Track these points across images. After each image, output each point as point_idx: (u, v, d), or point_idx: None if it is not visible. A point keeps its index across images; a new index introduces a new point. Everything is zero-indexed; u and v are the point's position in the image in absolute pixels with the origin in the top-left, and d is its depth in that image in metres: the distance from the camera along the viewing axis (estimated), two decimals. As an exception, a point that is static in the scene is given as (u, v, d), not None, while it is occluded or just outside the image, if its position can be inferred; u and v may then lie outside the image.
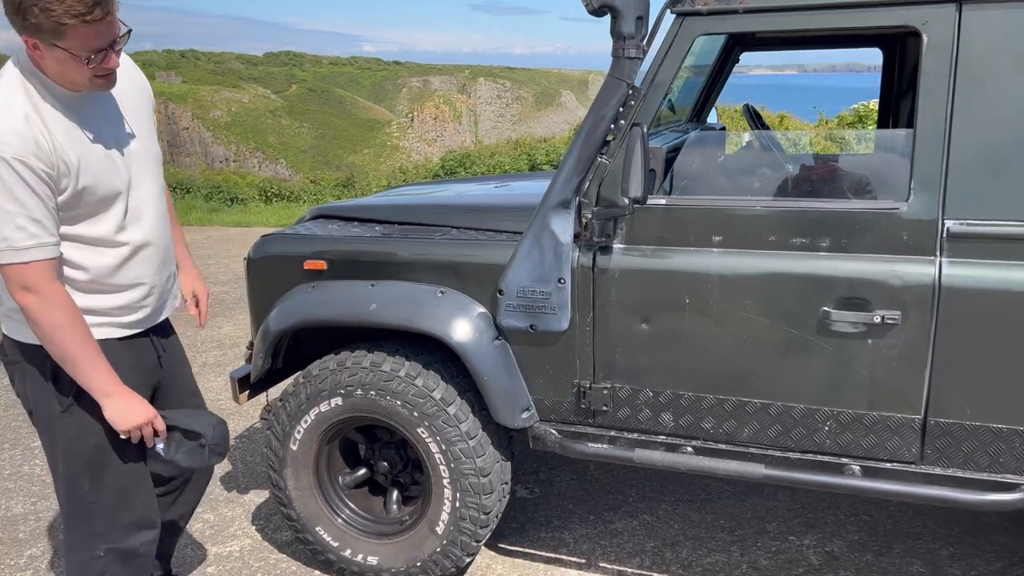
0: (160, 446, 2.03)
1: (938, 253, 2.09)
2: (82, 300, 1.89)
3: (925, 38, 2.05)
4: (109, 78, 1.82)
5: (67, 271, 1.88)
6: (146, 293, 2.02)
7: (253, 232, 8.89)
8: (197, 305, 2.44)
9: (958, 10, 2.02)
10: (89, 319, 1.89)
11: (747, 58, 3.75)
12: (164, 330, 2.20)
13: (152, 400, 2.11)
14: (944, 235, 2.08)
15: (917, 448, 2.19)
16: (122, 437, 1.95)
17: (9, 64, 1.81)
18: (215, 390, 4.46)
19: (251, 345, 2.91)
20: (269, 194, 17.19)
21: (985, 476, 2.15)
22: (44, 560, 2.93)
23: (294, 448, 2.69)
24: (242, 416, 4.13)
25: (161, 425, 1.99)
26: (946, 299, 2.08)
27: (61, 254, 1.83)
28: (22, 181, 1.69)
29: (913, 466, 2.21)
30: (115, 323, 1.98)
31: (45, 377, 1.92)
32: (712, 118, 3.77)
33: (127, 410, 1.91)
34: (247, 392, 2.86)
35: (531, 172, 7.18)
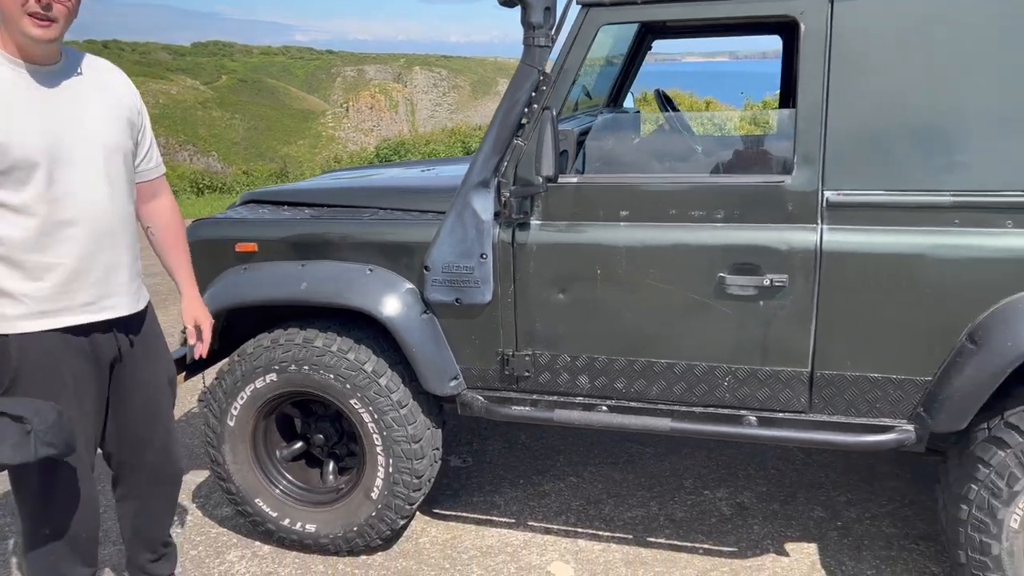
0: None
1: (819, 221, 2.32)
2: (3, 282, 1.90)
3: (803, 26, 2.27)
4: (46, 25, 1.83)
5: None
6: (69, 277, 1.96)
7: (185, 224, 8.80)
8: (199, 336, 2.38)
9: (830, 1, 2.24)
10: (18, 309, 1.91)
11: (669, 46, 3.96)
12: (129, 329, 2.14)
13: (109, 401, 2.12)
14: (824, 205, 2.31)
15: (806, 398, 2.43)
16: None
17: None
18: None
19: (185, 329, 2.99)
20: (201, 186, 16.92)
21: (865, 420, 2.40)
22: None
23: (231, 424, 2.80)
24: (179, 401, 4.18)
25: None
26: (827, 263, 2.31)
27: None
28: None
29: (803, 414, 2.44)
30: (45, 312, 1.94)
31: None
32: (629, 103, 3.98)
33: None
34: (183, 374, 2.94)
35: (457, 157, 7.35)
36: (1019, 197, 2.17)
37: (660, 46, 4.03)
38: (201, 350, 2.41)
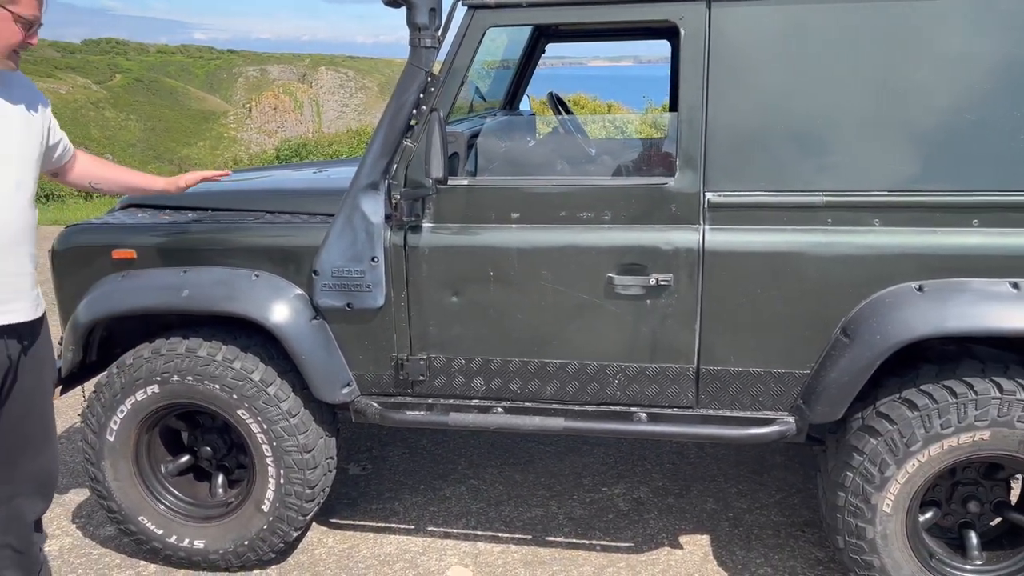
0: None
1: (701, 221, 2.38)
2: None
3: (682, 31, 2.33)
4: (18, 56, 2.00)
5: None
6: None
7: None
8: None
9: (707, 6, 2.30)
10: None
11: (568, 49, 4.00)
12: (23, 336, 2.10)
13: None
14: (705, 205, 2.38)
15: (693, 394, 2.49)
16: None
17: None
18: (30, 394, 4.24)
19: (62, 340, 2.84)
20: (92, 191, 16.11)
21: (749, 414, 2.48)
22: None
23: (111, 439, 2.66)
24: (60, 416, 3.96)
25: None
26: (709, 262, 2.38)
27: None
28: None
29: (690, 409, 2.51)
30: None
31: None
32: (525, 105, 4.00)
33: None
34: (60, 387, 2.78)
35: (347, 159, 7.27)
36: (885, 196, 2.29)
37: (559, 49, 4.08)
38: (207, 174, 2.65)
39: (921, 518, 2.45)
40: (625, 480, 3.39)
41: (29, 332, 2.12)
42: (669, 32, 3.61)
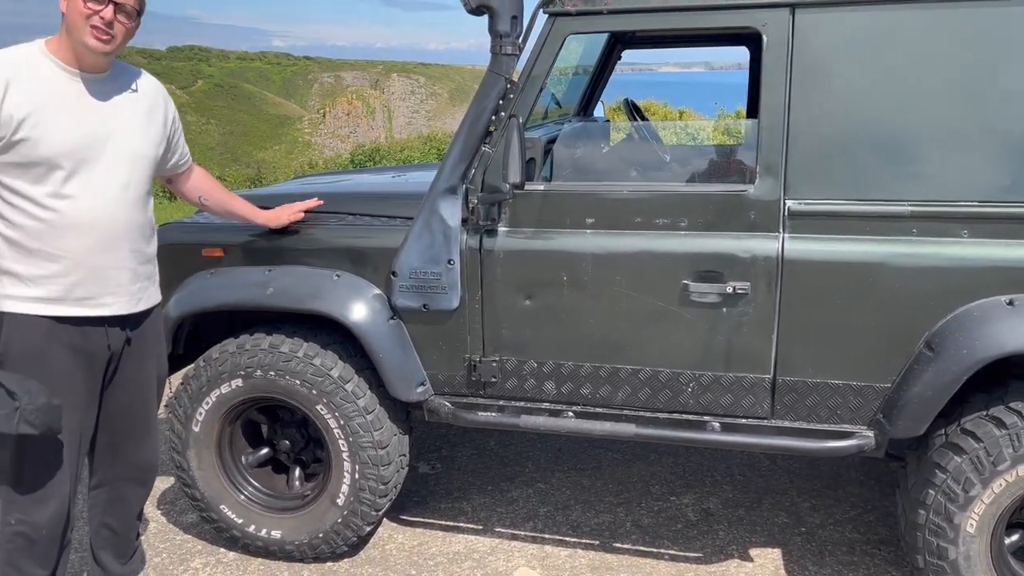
0: None
1: (781, 229, 2.36)
2: (12, 264, 2.01)
3: (765, 38, 2.31)
4: (106, 39, 1.99)
5: (3, 228, 2.00)
6: (70, 270, 2.04)
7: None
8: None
9: (791, 13, 2.28)
10: (18, 289, 2.02)
11: (643, 56, 4.00)
12: (128, 326, 2.20)
13: (102, 393, 2.19)
14: (785, 213, 2.35)
15: (768, 404, 2.46)
16: None
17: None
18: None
19: None
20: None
21: (826, 426, 2.43)
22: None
23: (196, 430, 2.78)
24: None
25: None
26: (788, 270, 2.35)
27: None
28: None
29: (766, 420, 2.47)
30: (44, 298, 2.03)
31: None
32: (599, 112, 4.01)
33: None
34: None
35: (425, 163, 7.43)
36: (974, 207, 2.22)
37: (632, 56, 4.08)
38: (304, 206, 2.74)
39: (1007, 540, 2.37)
40: (694, 490, 3.36)
41: (132, 324, 2.22)
42: (748, 38, 3.58)
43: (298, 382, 2.64)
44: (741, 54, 3.74)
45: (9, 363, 2.03)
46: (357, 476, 2.69)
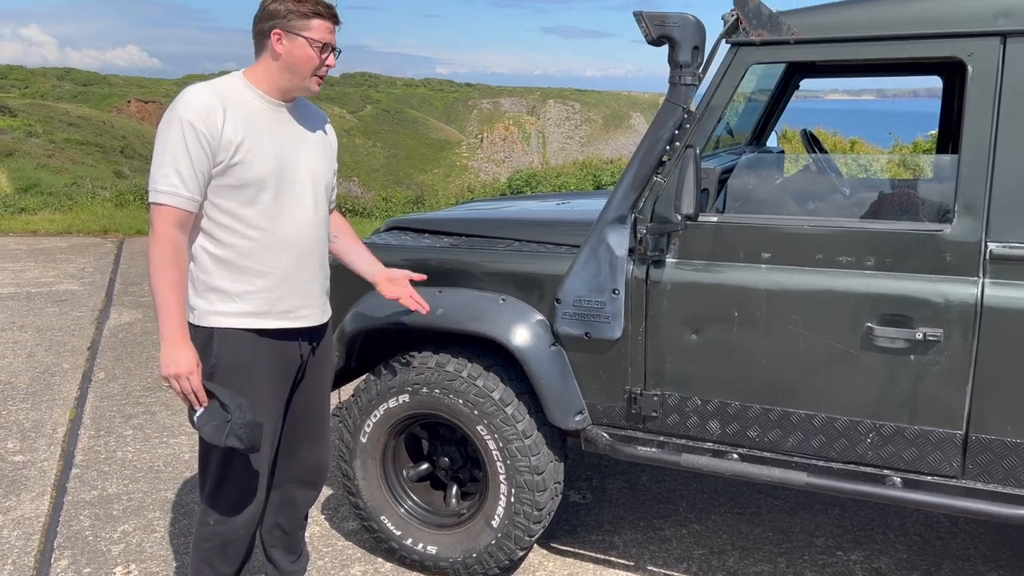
0: (198, 412, 2.10)
1: (981, 274, 2.17)
2: (220, 281, 2.15)
3: (970, 68, 2.15)
4: (321, 81, 2.21)
5: (213, 247, 2.15)
6: (276, 285, 2.19)
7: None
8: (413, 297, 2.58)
9: (1002, 43, 2.11)
10: (226, 305, 2.16)
11: (810, 84, 3.85)
12: (313, 337, 2.35)
13: (288, 402, 2.35)
14: (987, 256, 2.16)
15: (959, 462, 2.26)
16: (163, 385, 2.13)
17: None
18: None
19: None
20: (343, 210, 17.75)
21: (1025, 492, 2.20)
22: (135, 536, 3.21)
23: (363, 441, 2.90)
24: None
25: (197, 385, 2.09)
26: (988, 319, 2.15)
27: (204, 228, 2.14)
28: (183, 140, 2.04)
29: (954, 480, 2.27)
30: (250, 312, 2.17)
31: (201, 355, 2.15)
32: (772, 142, 3.88)
33: (171, 357, 2.08)
34: None
35: (590, 191, 7.47)
36: None
37: (806, 84, 3.92)
38: (417, 304, 2.59)
39: None
40: (863, 547, 3.14)
41: (318, 334, 2.37)
42: (941, 67, 3.35)
43: (461, 402, 2.70)
44: (918, 82, 3.51)
45: (219, 376, 2.15)
46: (512, 499, 2.71)
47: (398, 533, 2.91)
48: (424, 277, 2.66)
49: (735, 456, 2.51)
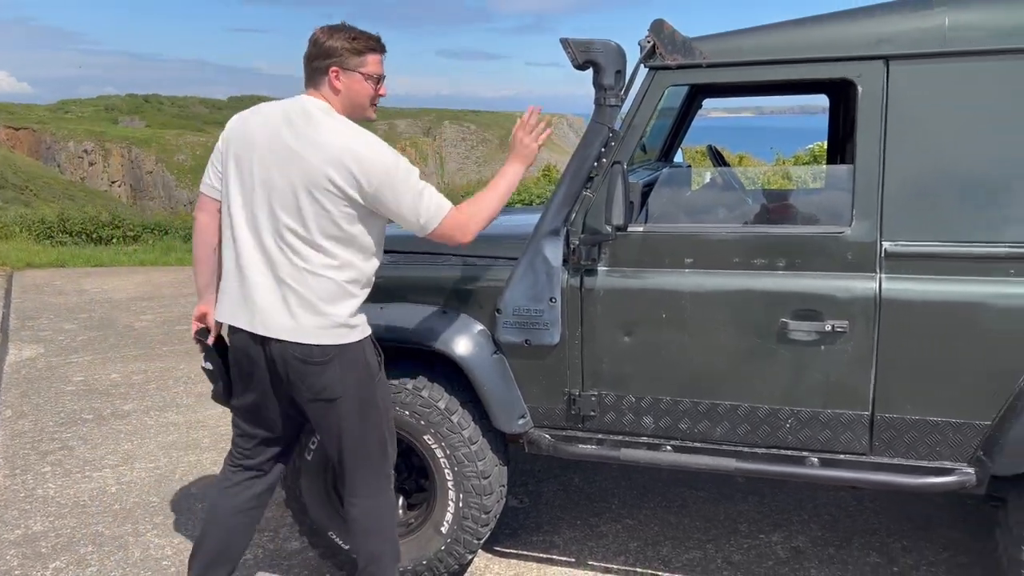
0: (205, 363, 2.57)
1: (878, 270, 2.44)
2: (360, 299, 2.41)
3: (860, 88, 2.43)
4: (375, 108, 2.44)
5: (356, 275, 2.37)
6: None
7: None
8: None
9: (886, 65, 2.39)
10: (365, 318, 2.44)
11: (708, 103, 4.14)
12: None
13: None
14: (882, 254, 2.43)
15: (867, 440, 2.51)
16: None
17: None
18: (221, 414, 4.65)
19: None
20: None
21: (925, 463, 2.48)
22: (69, 572, 3.11)
23: (308, 458, 2.93)
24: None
25: (211, 321, 2.51)
26: (886, 309, 2.42)
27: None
28: (218, 151, 2.43)
29: (864, 456, 2.53)
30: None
31: (359, 365, 2.38)
32: (678, 158, 4.15)
33: (198, 307, 2.55)
34: None
35: (524, 207, 7.73)
36: (1071, 249, 2.28)
37: (709, 103, 4.21)
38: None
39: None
40: (782, 529, 3.39)
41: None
42: (830, 86, 3.69)
43: (407, 413, 2.78)
44: (798, 100, 3.84)
45: (381, 378, 2.47)
46: (461, 504, 2.81)
47: (347, 547, 2.95)
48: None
49: (669, 448, 2.70)
